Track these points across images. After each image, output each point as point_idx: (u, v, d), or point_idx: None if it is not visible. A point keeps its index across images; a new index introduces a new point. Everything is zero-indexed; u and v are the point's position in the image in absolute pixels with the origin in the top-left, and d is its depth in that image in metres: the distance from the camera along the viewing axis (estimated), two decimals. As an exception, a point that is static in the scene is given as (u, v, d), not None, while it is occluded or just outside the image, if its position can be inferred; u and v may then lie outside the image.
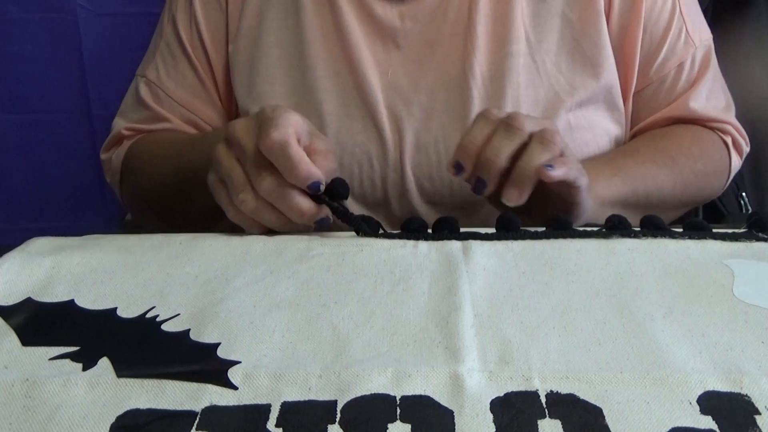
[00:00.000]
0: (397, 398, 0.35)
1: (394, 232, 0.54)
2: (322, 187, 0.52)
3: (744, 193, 0.98)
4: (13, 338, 0.41)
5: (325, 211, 0.54)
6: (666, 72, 0.75)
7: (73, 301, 0.45)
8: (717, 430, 0.32)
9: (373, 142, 0.71)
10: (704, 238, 0.52)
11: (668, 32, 0.74)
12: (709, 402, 0.34)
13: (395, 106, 0.71)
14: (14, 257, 0.50)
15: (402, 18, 0.72)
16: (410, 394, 0.35)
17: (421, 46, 0.72)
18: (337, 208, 0.54)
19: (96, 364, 0.38)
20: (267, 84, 0.73)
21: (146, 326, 0.42)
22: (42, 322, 0.43)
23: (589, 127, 0.72)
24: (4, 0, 1.15)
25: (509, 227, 0.54)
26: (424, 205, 0.72)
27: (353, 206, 0.71)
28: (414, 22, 0.72)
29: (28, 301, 0.45)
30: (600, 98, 0.73)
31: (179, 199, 0.70)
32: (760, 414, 0.33)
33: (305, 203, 0.52)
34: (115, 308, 0.44)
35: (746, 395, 0.35)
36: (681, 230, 0.54)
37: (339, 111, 0.71)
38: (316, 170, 0.52)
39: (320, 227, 0.54)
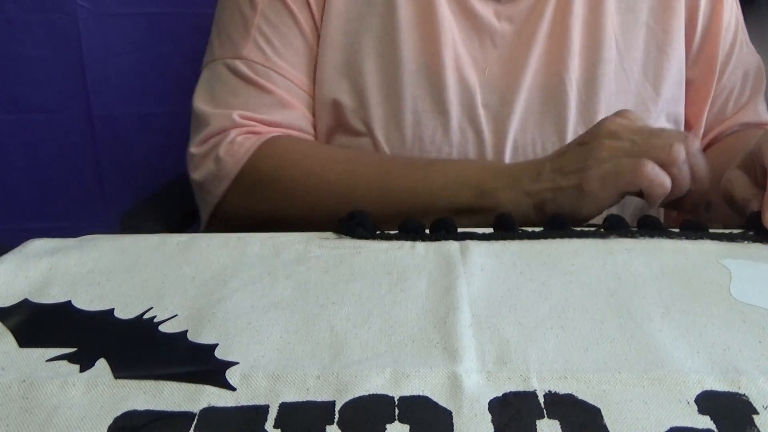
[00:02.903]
0: (396, 399, 0.35)
1: (392, 233, 0.54)
2: None
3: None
4: (10, 340, 0.41)
5: None
6: (735, 79, 0.77)
7: (69, 302, 0.45)
8: (715, 429, 0.32)
9: (470, 141, 0.70)
10: (701, 238, 0.52)
11: (736, 40, 0.76)
12: (707, 402, 0.34)
13: (494, 106, 0.70)
14: (10, 259, 0.50)
15: (498, 16, 0.72)
16: (408, 394, 0.35)
17: (517, 46, 0.71)
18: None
19: (93, 365, 0.38)
20: (363, 76, 0.69)
21: (143, 327, 0.42)
22: (39, 324, 0.43)
23: None
24: (4, 0, 1.15)
25: (506, 227, 0.54)
26: None
27: None
28: (510, 22, 0.72)
29: (25, 303, 0.45)
30: (671, 108, 0.74)
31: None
32: (758, 413, 0.33)
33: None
34: (112, 309, 0.44)
35: (744, 395, 0.35)
36: (678, 230, 0.54)
37: (432, 108, 0.70)
38: None
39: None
